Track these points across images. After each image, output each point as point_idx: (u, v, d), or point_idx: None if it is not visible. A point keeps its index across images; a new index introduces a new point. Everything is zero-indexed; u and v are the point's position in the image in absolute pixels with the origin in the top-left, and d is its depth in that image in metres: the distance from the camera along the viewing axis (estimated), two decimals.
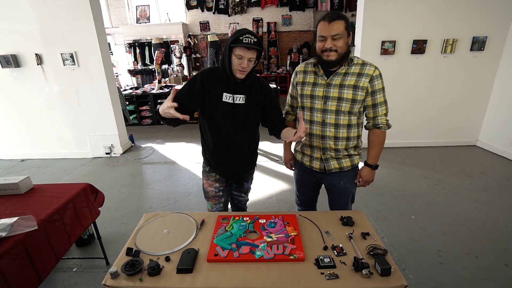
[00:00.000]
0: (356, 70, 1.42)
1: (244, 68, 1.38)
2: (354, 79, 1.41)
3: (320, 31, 1.35)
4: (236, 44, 1.32)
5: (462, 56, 3.83)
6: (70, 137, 4.22)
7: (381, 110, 1.47)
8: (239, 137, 1.54)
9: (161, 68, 7.25)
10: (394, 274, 1.04)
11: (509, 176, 3.27)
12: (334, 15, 1.31)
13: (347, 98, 1.42)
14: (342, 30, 1.30)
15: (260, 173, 3.49)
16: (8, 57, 3.76)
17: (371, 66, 1.42)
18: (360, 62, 1.43)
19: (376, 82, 1.41)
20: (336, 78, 1.42)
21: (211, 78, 1.47)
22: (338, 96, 1.42)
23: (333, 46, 1.32)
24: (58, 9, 3.61)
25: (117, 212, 2.76)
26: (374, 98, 1.44)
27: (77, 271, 2.01)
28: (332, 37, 1.31)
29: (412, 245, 2.19)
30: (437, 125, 4.12)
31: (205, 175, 1.70)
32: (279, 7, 8.35)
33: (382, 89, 1.44)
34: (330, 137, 1.48)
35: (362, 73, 1.41)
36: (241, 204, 1.88)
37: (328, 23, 1.30)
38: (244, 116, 1.51)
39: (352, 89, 1.41)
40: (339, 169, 1.54)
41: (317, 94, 1.46)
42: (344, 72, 1.42)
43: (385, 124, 1.48)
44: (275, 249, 1.17)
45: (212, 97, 1.47)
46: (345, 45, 1.34)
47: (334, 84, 1.43)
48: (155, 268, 1.06)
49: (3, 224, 1.31)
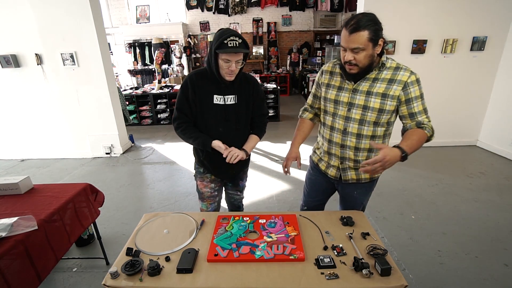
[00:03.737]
0: (387, 75, 1.25)
1: (233, 71, 1.37)
2: (384, 86, 1.24)
3: (341, 40, 1.19)
4: (222, 50, 1.29)
5: (462, 56, 3.83)
6: (70, 137, 4.22)
7: (422, 119, 1.25)
8: (232, 137, 1.54)
9: (161, 68, 7.25)
10: (394, 274, 1.03)
11: (509, 176, 3.27)
12: (356, 25, 1.12)
13: (373, 108, 1.26)
14: (363, 42, 1.13)
15: (260, 173, 3.49)
16: (8, 57, 3.77)
17: (406, 71, 1.24)
18: (394, 66, 1.26)
19: (412, 89, 1.22)
20: (364, 84, 1.27)
21: (199, 81, 1.46)
22: (363, 104, 1.27)
23: (353, 59, 1.18)
24: (58, 9, 3.61)
25: (117, 212, 2.76)
26: (411, 107, 1.24)
27: (77, 271, 2.01)
28: (351, 50, 1.17)
29: (412, 245, 2.18)
30: (437, 125, 4.02)
31: (199, 176, 1.69)
32: (279, 7, 8.35)
33: (421, 96, 1.24)
34: (351, 147, 1.36)
35: (394, 79, 1.24)
36: (237, 203, 1.88)
37: (349, 34, 1.14)
38: (236, 117, 1.51)
39: (380, 98, 1.25)
40: (356, 180, 1.44)
41: (341, 99, 1.33)
42: (373, 77, 1.26)
43: (430, 128, 1.25)
44: (275, 249, 1.16)
45: (203, 100, 1.47)
46: (367, 58, 1.18)
47: (361, 90, 1.28)
48: (155, 268, 1.06)
49: (3, 224, 1.31)
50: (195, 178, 1.72)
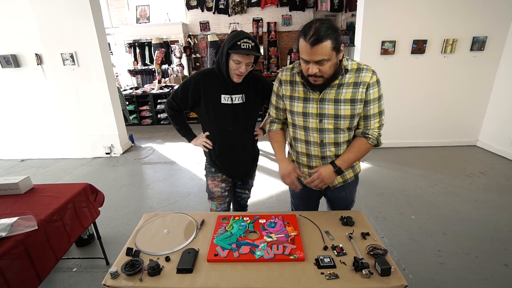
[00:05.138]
0: (351, 79, 1.21)
1: (242, 73, 1.37)
2: (350, 91, 1.21)
3: (301, 52, 1.12)
4: (234, 50, 1.29)
5: (462, 56, 3.83)
6: (70, 137, 4.22)
7: (374, 123, 1.27)
8: (242, 136, 1.55)
9: (161, 68, 7.25)
10: (394, 274, 1.03)
11: (509, 176, 3.27)
12: (318, 36, 1.04)
13: (345, 115, 1.23)
14: (328, 53, 1.07)
15: (260, 173, 3.49)
16: (8, 57, 3.77)
17: (368, 71, 1.21)
18: (355, 68, 1.22)
19: (371, 90, 1.21)
20: (330, 92, 1.22)
21: (206, 81, 1.47)
22: (334, 113, 1.24)
23: (318, 71, 1.12)
24: (58, 9, 3.62)
25: (117, 212, 2.76)
26: (367, 109, 1.24)
27: (77, 271, 2.01)
28: (316, 62, 1.11)
29: (412, 245, 2.19)
30: (437, 125, 4.11)
31: (210, 175, 1.69)
32: (279, 7, 8.34)
33: (378, 98, 1.24)
34: (331, 157, 1.33)
35: (358, 82, 1.21)
36: (243, 202, 1.89)
37: (311, 47, 1.07)
38: (245, 115, 1.51)
39: (349, 104, 1.22)
40: (343, 182, 1.43)
41: (310, 111, 1.26)
42: (338, 83, 1.21)
43: (375, 138, 1.27)
44: (275, 249, 1.16)
45: (210, 101, 1.47)
46: (333, 68, 1.14)
47: (329, 98, 1.23)
48: (155, 268, 1.06)
49: (3, 224, 1.31)
50: (206, 178, 1.73)
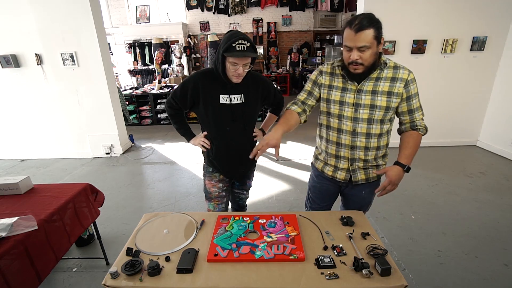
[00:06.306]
0: (389, 74, 1.29)
1: (240, 74, 1.37)
2: (387, 85, 1.28)
3: (345, 40, 1.20)
4: (229, 53, 1.28)
5: (462, 56, 3.83)
6: (70, 137, 4.22)
7: (418, 116, 1.35)
8: (241, 136, 1.54)
9: (161, 68, 7.25)
10: (394, 274, 1.03)
11: (509, 176, 3.27)
12: (362, 24, 1.14)
13: (380, 106, 1.30)
14: (370, 40, 1.15)
15: (260, 173, 3.49)
16: (8, 57, 3.77)
17: (405, 70, 1.30)
18: (392, 65, 1.31)
19: (411, 86, 1.30)
20: (368, 84, 1.29)
21: (205, 81, 1.46)
22: (371, 104, 1.30)
23: (359, 58, 1.19)
24: (58, 9, 3.61)
25: (117, 212, 2.76)
26: (410, 103, 1.32)
27: (77, 271, 2.01)
28: (358, 48, 1.18)
29: (412, 245, 2.19)
30: (437, 125, 4.09)
31: (208, 175, 1.68)
32: (279, 7, 8.35)
33: (417, 93, 1.33)
34: (361, 147, 1.37)
35: (396, 78, 1.29)
36: (242, 202, 1.88)
37: (355, 33, 1.15)
38: (243, 116, 1.51)
39: (386, 96, 1.29)
40: (365, 180, 1.44)
41: (347, 100, 1.33)
42: (376, 76, 1.29)
43: (423, 127, 1.36)
44: (275, 249, 1.16)
45: (208, 100, 1.46)
46: (373, 56, 1.21)
47: (366, 90, 1.30)
48: (155, 268, 1.06)
49: (3, 224, 1.31)
50: (204, 178, 1.72)
